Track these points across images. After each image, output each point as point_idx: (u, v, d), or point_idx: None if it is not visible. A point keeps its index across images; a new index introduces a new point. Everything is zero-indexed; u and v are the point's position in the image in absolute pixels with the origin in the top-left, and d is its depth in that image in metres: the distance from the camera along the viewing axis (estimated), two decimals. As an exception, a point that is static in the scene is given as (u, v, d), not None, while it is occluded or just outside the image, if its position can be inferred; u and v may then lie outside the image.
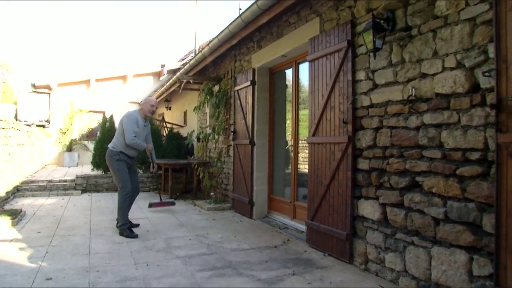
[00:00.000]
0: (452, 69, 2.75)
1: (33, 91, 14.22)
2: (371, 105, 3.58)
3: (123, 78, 15.51)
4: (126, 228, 4.76)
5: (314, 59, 4.38)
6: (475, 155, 2.54)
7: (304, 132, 5.37)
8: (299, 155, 5.44)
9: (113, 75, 15.34)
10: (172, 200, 6.46)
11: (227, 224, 5.53)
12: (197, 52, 11.14)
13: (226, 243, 4.48)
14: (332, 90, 4.04)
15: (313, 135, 4.33)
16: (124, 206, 4.87)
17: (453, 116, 2.73)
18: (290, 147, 5.52)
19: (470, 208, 2.55)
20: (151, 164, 5.49)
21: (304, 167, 5.38)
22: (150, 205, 6.50)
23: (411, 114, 3.11)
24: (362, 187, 3.68)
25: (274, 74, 6.17)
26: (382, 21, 3.31)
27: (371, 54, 3.53)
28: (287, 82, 6.07)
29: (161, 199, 6.59)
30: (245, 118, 6.29)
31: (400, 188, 3.20)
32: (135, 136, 4.87)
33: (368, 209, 3.57)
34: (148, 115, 5.15)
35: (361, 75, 3.71)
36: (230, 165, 7.02)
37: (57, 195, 8.10)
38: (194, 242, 4.53)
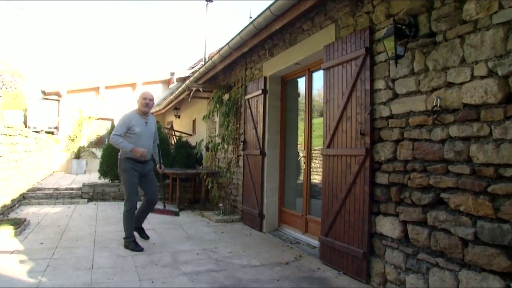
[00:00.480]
0: (482, 77, 2.54)
1: (43, 98, 14.23)
2: (391, 116, 3.37)
3: (132, 85, 15.48)
4: (131, 241, 4.57)
5: (329, 67, 4.20)
6: (510, 172, 2.32)
7: (316, 142, 5.18)
8: (312, 166, 5.24)
9: (122, 82, 15.32)
10: (177, 210, 6.11)
11: (236, 238, 5.32)
12: (207, 60, 11.05)
13: (236, 259, 4.27)
14: (349, 100, 3.84)
15: (328, 146, 4.13)
16: (128, 220, 4.59)
17: (483, 129, 2.52)
18: (302, 158, 5.31)
19: (505, 229, 2.32)
20: (158, 164, 5.10)
21: (316, 179, 5.18)
22: (152, 211, 6.30)
23: (436, 126, 2.90)
24: (380, 203, 3.46)
25: (286, 83, 6.00)
26: (403, 27, 3.12)
27: (391, 62, 3.35)
28: (299, 91, 5.90)
29: (164, 206, 6.37)
30: (255, 128, 6.11)
31: (423, 205, 2.98)
32: (116, 135, 4.39)
33: (387, 226, 3.35)
34: (143, 110, 4.65)
35: (380, 84, 3.52)
36: (239, 176, 6.83)
37: (63, 203, 7.96)
38: (202, 256, 4.32)
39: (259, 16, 4.69)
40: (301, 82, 5.75)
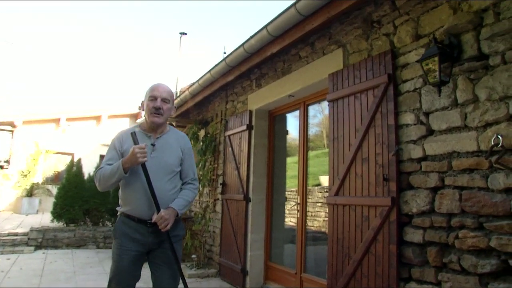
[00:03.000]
0: None
1: (-6, 128, 12.91)
2: (425, 157, 2.71)
3: (97, 118, 14.43)
4: None
5: (336, 98, 3.55)
6: None
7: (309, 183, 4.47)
8: (308, 213, 4.47)
9: (86, 115, 14.26)
10: None
11: (215, 301, 4.37)
12: (178, 94, 10.31)
13: (218, 335, 3.34)
14: (365, 137, 3.17)
15: (336, 194, 3.39)
16: None
17: None
18: (296, 206, 4.53)
19: None
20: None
21: (312, 227, 4.43)
22: None
23: (495, 171, 2.24)
24: (412, 266, 2.71)
25: (275, 118, 5.31)
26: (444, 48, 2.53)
27: (424, 91, 2.75)
28: (290, 128, 5.22)
29: None
30: (238, 169, 5.32)
31: (480, 274, 2.26)
32: (99, 168, 2.50)
33: (424, 299, 2.59)
34: (151, 121, 2.51)
35: (407, 118, 2.87)
36: (216, 223, 5.93)
37: (2, 253, 6.67)
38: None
39: (251, 37, 4.04)
40: (292, 118, 5.10)
